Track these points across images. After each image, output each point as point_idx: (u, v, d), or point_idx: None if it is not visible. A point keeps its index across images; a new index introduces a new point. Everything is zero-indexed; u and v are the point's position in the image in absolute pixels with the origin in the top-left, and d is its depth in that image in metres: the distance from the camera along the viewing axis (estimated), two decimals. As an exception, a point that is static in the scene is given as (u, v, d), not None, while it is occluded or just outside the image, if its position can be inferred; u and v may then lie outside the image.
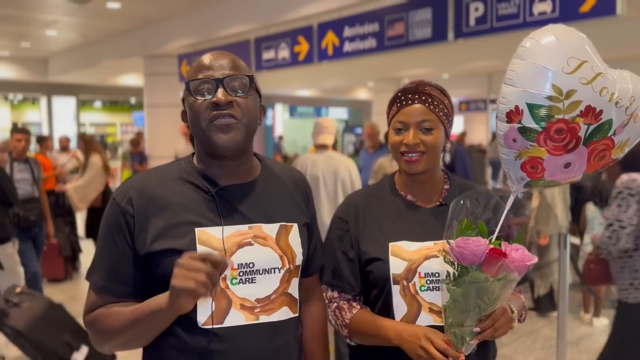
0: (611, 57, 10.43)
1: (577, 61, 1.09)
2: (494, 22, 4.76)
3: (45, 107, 16.80)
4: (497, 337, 1.25)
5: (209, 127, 1.14)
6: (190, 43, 8.74)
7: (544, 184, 1.23)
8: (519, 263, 1.13)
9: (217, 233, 1.14)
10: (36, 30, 10.28)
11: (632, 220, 2.54)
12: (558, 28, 1.15)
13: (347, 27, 6.26)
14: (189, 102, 1.17)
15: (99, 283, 1.17)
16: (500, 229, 1.23)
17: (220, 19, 8.02)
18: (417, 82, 1.43)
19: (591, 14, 4.23)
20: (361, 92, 18.74)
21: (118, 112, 19.75)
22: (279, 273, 1.19)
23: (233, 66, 1.17)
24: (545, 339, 4.22)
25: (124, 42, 10.32)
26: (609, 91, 1.11)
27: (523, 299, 1.48)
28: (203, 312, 1.11)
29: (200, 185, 1.19)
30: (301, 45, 6.85)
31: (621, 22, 6.05)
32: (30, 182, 4.68)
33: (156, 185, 1.19)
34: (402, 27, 5.61)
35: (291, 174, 1.36)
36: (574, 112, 1.10)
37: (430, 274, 1.32)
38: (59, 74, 13.71)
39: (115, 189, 1.22)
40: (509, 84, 1.14)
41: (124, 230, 1.15)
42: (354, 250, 1.42)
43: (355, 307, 1.41)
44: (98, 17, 9.20)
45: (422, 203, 1.44)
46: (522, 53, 1.14)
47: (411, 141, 1.36)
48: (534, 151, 1.15)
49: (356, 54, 6.22)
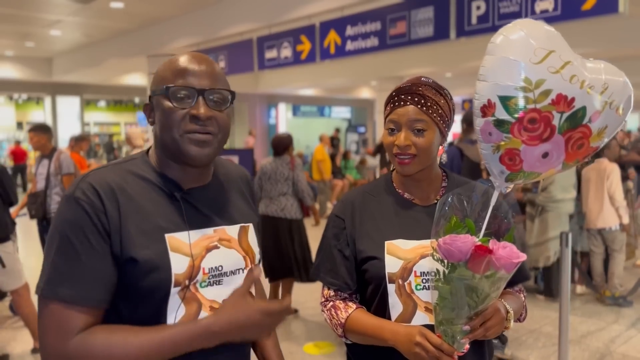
0: (613, 55, 10.48)
1: (545, 51, 1.11)
2: (495, 20, 4.76)
3: (49, 107, 16.86)
4: (489, 336, 1.24)
5: (182, 137, 1.09)
6: (194, 42, 8.77)
7: (524, 176, 1.23)
8: (505, 260, 1.13)
9: (185, 238, 1.11)
10: (40, 30, 10.34)
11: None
12: (526, 22, 1.17)
13: (349, 26, 6.27)
14: (163, 106, 1.10)
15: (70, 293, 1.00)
16: (491, 226, 1.23)
17: (223, 18, 8.05)
18: (413, 80, 1.40)
19: (593, 12, 4.22)
20: (364, 91, 18.74)
21: (122, 112, 19.80)
22: (242, 273, 1.20)
23: (215, 77, 1.12)
24: (547, 337, 4.22)
25: (127, 41, 10.36)
26: (579, 79, 1.12)
27: (523, 299, 1.46)
28: (173, 317, 1.08)
29: (164, 188, 1.14)
30: (303, 44, 6.87)
31: (623, 20, 6.04)
32: (44, 177, 4.69)
33: (120, 183, 1.09)
34: (404, 26, 5.62)
35: (238, 172, 1.35)
36: (545, 101, 1.11)
37: (426, 273, 1.32)
38: (63, 74, 13.78)
39: (71, 188, 1.08)
40: (481, 80, 1.17)
41: (99, 229, 1.04)
42: (349, 249, 1.42)
43: (350, 307, 1.40)
44: (102, 17, 9.24)
45: (419, 201, 1.43)
46: (492, 49, 1.16)
47: (402, 143, 1.35)
48: (510, 143, 1.17)
49: (358, 53, 6.23)
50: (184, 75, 1.10)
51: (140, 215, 1.09)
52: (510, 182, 1.25)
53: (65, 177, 4.71)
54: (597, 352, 4.00)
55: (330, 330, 4.41)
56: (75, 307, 1.01)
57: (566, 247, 3.52)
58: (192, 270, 1.10)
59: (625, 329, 4.46)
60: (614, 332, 4.37)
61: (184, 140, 1.10)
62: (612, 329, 4.44)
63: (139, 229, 1.07)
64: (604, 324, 4.56)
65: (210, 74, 1.12)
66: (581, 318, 4.69)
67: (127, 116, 19.90)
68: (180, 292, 1.09)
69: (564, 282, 3.56)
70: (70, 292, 1.01)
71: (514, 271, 1.18)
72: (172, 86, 1.09)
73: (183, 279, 1.09)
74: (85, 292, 1.02)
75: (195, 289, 1.12)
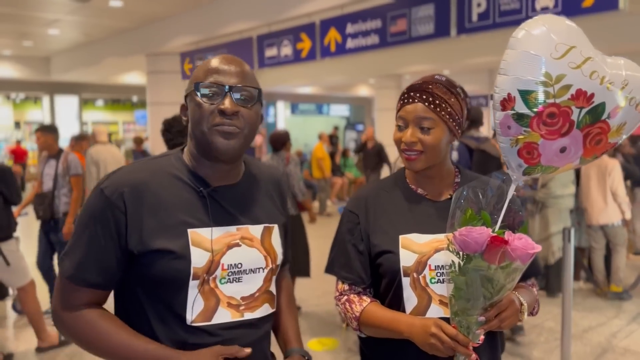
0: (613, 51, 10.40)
1: (566, 47, 1.13)
2: (496, 17, 4.77)
3: (47, 106, 16.84)
4: (504, 328, 1.25)
5: (210, 130, 1.16)
6: (193, 41, 8.77)
7: (541, 169, 1.24)
8: (521, 251, 1.14)
9: (207, 234, 1.18)
10: (38, 29, 10.32)
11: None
12: (548, 18, 1.18)
13: (349, 23, 6.27)
14: (195, 102, 1.18)
15: (69, 271, 1.15)
16: (505, 218, 1.24)
17: (223, 16, 8.04)
18: (426, 78, 1.42)
19: (594, 9, 4.24)
20: (362, 89, 18.75)
21: (120, 111, 19.78)
22: (263, 272, 1.25)
23: (243, 75, 1.19)
24: (550, 332, 4.25)
25: (126, 40, 10.35)
26: (599, 75, 1.13)
27: (536, 293, 1.48)
28: (192, 310, 1.15)
29: (192, 184, 1.21)
30: (304, 42, 6.87)
31: (623, 17, 6.06)
32: (51, 178, 4.67)
33: (148, 181, 1.18)
34: (405, 24, 5.63)
35: (272, 174, 1.40)
36: (565, 96, 1.13)
37: (441, 267, 1.33)
38: (62, 73, 13.75)
39: (102, 179, 1.20)
40: (502, 73, 1.18)
41: (111, 225, 1.14)
42: (364, 243, 1.43)
43: (365, 301, 1.42)
44: (100, 16, 9.23)
45: (432, 197, 1.45)
46: (514, 43, 1.18)
47: (408, 139, 1.37)
48: (529, 137, 1.18)
49: (359, 51, 6.24)
50: (214, 74, 1.18)
51: (166, 210, 1.16)
52: (527, 176, 1.27)
53: (73, 178, 4.69)
54: (598, 346, 4.02)
55: (334, 327, 4.43)
56: (72, 284, 1.16)
57: (568, 242, 3.55)
58: (211, 265, 1.16)
59: (626, 323, 4.49)
60: (615, 327, 4.40)
61: (211, 132, 1.17)
62: (613, 324, 4.47)
63: (163, 223, 1.15)
64: (605, 319, 4.59)
65: (238, 73, 1.19)
66: (582, 313, 4.72)
67: (124, 115, 19.88)
68: (200, 286, 1.15)
69: (566, 278, 3.59)
70: (70, 271, 1.16)
71: (529, 262, 1.19)
72: (202, 83, 1.18)
73: (202, 273, 1.15)
74: (81, 274, 1.15)
75: (215, 284, 1.18)
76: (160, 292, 1.16)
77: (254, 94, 1.20)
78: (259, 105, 1.23)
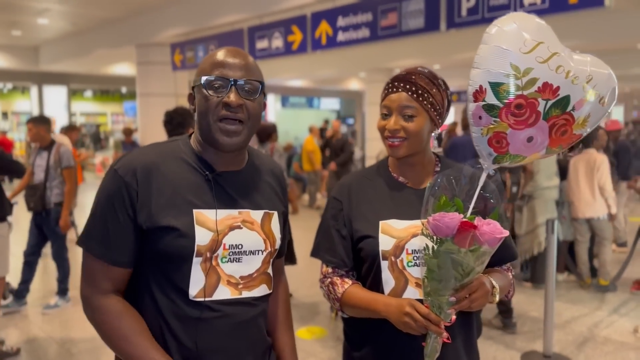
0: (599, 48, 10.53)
1: (534, 42, 1.21)
2: (485, 12, 4.83)
3: (36, 96, 16.69)
4: (474, 308, 1.32)
5: (215, 125, 1.23)
6: (184, 32, 8.74)
7: (510, 158, 1.31)
8: (489, 236, 1.21)
9: (211, 215, 1.25)
10: (27, 18, 10.22)
11: None
12: (519, 15, 1.27)
13: (340, 16, 6.30)
14: (202, 94, 1.24)
15: (98, 249, 1.22)
16: (477, 205, 1.31)
17: (214, 7, 8.02)
18: (409, 70, 1.49)
19: (580, 6, 4.32)
20: (353, 83, 18.78)
21: (109, 102, 19.66)
22: (261, 255, 1.32)
23: (247, 68, 1.26)
24: (534, 322, 4.35)
25: (116, 30, 10.28)
26: (565, 69, 1.21)
27: (510, 277, 1.54)
28: (194, 286, 1.23)
29: (198, 168, 1.28)
30: (295, 35, 6.89)
31: (609, 14, 6.15)
32: (43, 169, 4.66)
33: (158, 162, 1.25)
34: (395, 17, 5.67)
35: (272, 165, 1.47)
36: (532, 89, 1.21)
37: (417, 251, 1.40)
38: (50, 63, 13.62)
39: (115, 161, 1.27)
40: (475, 67, 1.26)
41: (126, 203, 1.21)
42: (347, 229, 1.51)
43: (347, 283, 1.49)
44: (90, 5, 9.16)
45: (413, 184, 1.52)
46: (486, 38, 1.26)
47: (392, 127, 1.45)
48: (498, 126, 1.26)
49: (349, 44, 6.27)
50: (220, 67, 1.24)
51: (173, 190, 1.24)
52: (497, 164, 1.34)
53: (65, 170, 4.70)
54: (580, 335, 4.13)
55: (323, 316, 4.50)
56: (99, 262, 1.22)
57: (552, 233, 3.63)
58: (215, 244, 1.24)
59: (608, 314, 4.60)
60: (597, 318, 4.51)
61: (216, 128, 1.24)
62: (595, 315, 4.58)
63: (170, 202, 1.23)
64: (587, 310, 4.70)
65: (243, 66, 1.26)
66: (566, 304, 4.83)
67: (113, 106, 19.76)
68: (202, 264, 1.23)
69: (549, 269, 3.68)
70: (98, 249, 1.23)
71: (497, 246, 1.26)
72: (208, 77, 1.24)
73: (205, 251, 1.23)
74: (107, 251, 1.22)
75: (217, 262, 1.25)
76: (166, 268, 1.23)
77: (258, 86, 1.26)
78: (262, 96, 1.30)
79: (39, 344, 3.98)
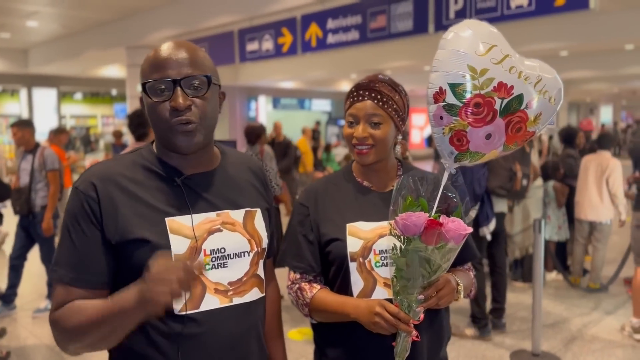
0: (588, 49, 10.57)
1: (488, 45, 1.29)
2: (473, 15, 4.88)
3: (25, 99, 16.58)
4: (441, 305, 1.34)
5: (170, 130, 1.13)
6: (174, 34, 8.74)
7: (470, 156, 1.37)
8: (454, 232, 1.26)
9: (186, 221, 1.16)
10: (16, 20, 10.17)
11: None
12: (473, 22, 1.34)
13: (330, 19, 6.34)
14: (146, 102, 1.15)
15: (69, 276, 1.12)
16: (441, 204, 1.36)
17: (204, 10, 8.03)
18: (371, 77, 1.53)
19: (565, 8, 4.37)
20: (344, 84, 18.82)
21: (99, 104, 19.57)
22: (248, 256, 1.24)
23: (190, 63, 1.13)
24: (522, 321, 4.39)
25: (106, 32, 10.26)
26: (517, 70, 1.29)
27: (472, 276, 1.59)
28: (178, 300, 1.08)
29: (165, 174, 1.19)
30: (285, 37, 6.92)
31: (597, 15, 6.22)
32: (28, 172, 4.66)
33: (120, 173, 1.16)
34: (384, 20, 5.71)
35: (249, 162, 1.40)
36: (488, 88, 1.28)
37: (384, 251, 1.44)
38: (40, 65, 13.56)
39: (76, 180, 1.18)
40: (434, 70, 1.32)
41: (91, 217, 1.12)
42: (314, 233, 1.52)
43: (315, 287, 1.50)
44: (80, 8, 9.14)
45: (378, 188, 1.56)
46: (444, 44, 1.32)
47: (360, 135, 1.48)
48: (458, 125, 1.31)
49: (339, 46, 6.31)
50: (159, 68, 1.13)
51: (140, 200, 1.15)
52: (458, 162, 1.39)
53: (50, 173, 4.69)
54: (568, 334, 4.17)
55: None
56: (71, 288, 1.12)
57: (539, 233, 3.68)
58: (193, 251, 1.15)
59: (596, 313, 4.66)
60: (585, 317, 4.56)
61: (172, 131, 1.14)
62: (583, 314, 4.63)
63: (137, 213, 1.14)
64: (575, 309, 4.75)
65: (184, 62, 1.13)
66: (554, 303, 4.88)
67: (103, 109, 19.67)
68: None
69: (536, 268, 3.72)
70: (62, 275, 1.13)
71: (462, 243, 1.30)
72: (148, 81, 1.13)
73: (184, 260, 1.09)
74: (74, 274, 1.12)
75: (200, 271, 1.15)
76: None
77: (205, 80, 1.15)
78: (215, 88, 1.19)
79: (29, 348, 3.97)
